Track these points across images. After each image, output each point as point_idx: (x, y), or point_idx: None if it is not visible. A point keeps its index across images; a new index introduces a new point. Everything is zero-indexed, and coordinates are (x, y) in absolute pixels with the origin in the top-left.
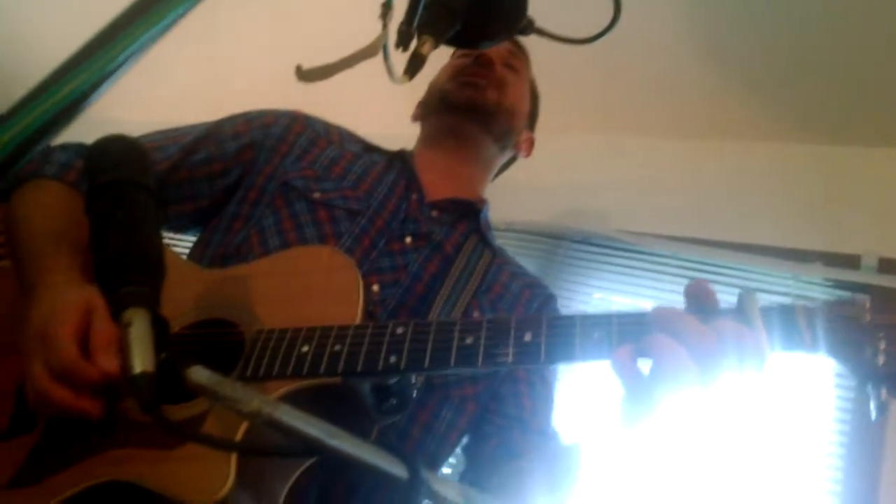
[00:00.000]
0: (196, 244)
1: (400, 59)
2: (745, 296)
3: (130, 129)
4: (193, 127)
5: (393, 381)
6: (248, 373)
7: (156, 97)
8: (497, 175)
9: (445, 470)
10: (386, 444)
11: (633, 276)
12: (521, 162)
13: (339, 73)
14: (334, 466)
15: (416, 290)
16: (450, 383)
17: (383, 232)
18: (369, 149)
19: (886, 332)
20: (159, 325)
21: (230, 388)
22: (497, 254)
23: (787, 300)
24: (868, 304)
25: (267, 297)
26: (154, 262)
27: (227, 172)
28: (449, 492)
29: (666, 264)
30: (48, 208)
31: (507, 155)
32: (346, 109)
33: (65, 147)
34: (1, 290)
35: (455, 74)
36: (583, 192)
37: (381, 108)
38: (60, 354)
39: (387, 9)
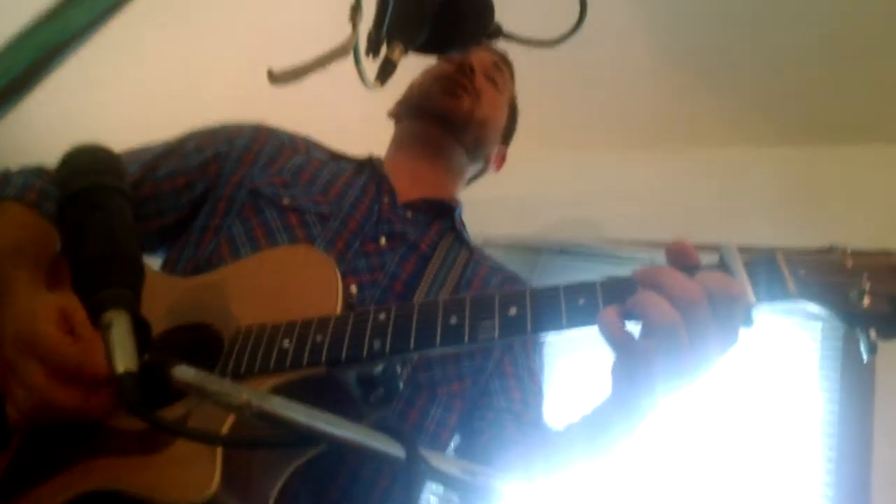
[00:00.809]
0: (164, 263)
1: (371, 65)
2: (727, 250)
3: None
4: (154, 145)
5: (378, 370)
6: (230, 371)
7: (109, 114)
8: (468, 183)
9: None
10: (380, 426)
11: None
12: (497, 177)
13: (310, 74)
14: (326, 468)
15: (395, 290)
16: (436, 381)
17: (357, 234)
18: (336, 157)
19: (869, 273)
20: (140, 327)
21: (217, 383)
22: (474, 251)
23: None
24: (849, 250)
25: (243, 298)
26: (133, 264)
27: (192, 186)
28: (449, 467)
29: None
30: (8, 227)
31: (479, 165)
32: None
33: (23, 170)
34: None
35: (436, 80)
36: (559, 204)
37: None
38: (61, 350)
39: (356, 11)
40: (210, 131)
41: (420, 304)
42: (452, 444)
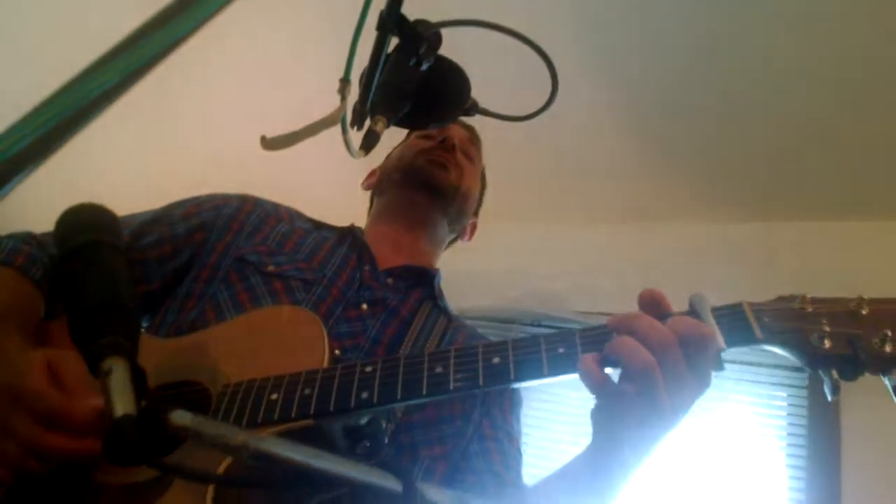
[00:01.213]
0: (147, 329)
1: (356, 136)
2: (696, 298)
3: None
4: (140, 213)
5: (364, 422)
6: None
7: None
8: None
9: None
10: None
11: (578, 384)
12: (471, 251)
13: (301, 141)
14: None
15: (377, 354)
16: (418, 443)
17: (339, 301)
18: (319, 226)
19: (829, 318)
20: (138, 375)
21: (214, 426)
22: (452, 318)
23: (734, 365)
24: (809, 297)
25: (230, 356)
26: (130, 314)
27: (178, 254)
28: (444, 499)
29: None
30: None
31: (454, 236)
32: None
33: (12, 235)
34: None
35: (421, 153)
36: (530, 278)
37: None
38: (46, 399)
39: (345, 83)
40: (196, 201)
41: (405, 356)
42: None
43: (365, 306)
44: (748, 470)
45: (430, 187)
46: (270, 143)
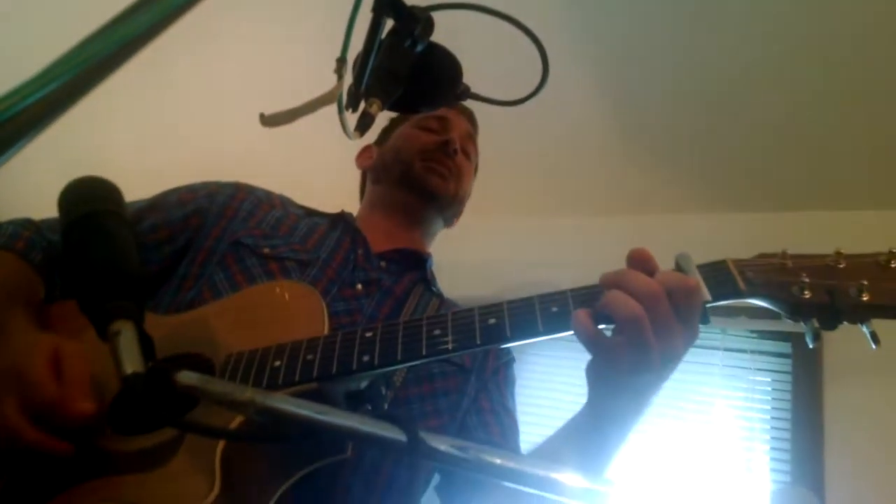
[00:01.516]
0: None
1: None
2: (681, 256)
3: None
4: (136, 200)
5: (364, 385)
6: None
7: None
8: None
9: None
10: (379, 414)
11: (574, 344)
12: (459, 242)
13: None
14: (323, 486)
15: None
16: (414, 417)
17: (334, 281)
18: (311, 212)
19: (808, 271)
20: (145, 339)
21: (220, 384)
22: (444, 301)
23: (717, 352)
24: (788, 253)
25: (231, 329)
26: (136, 279)
27: (175, 238)
28: (446, 447)
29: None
30: None
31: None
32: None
33: (12, 221)
34: None
35: (421, 153)
36: (518, 268)
37: None
38: (41, 391)
39: (341, 63)
40: (191, 188)
41: (404, 321)
42: (433, 484)
43: (360, 286)
44: (732, 455)
45: (428, 196)
46: (269, 120)
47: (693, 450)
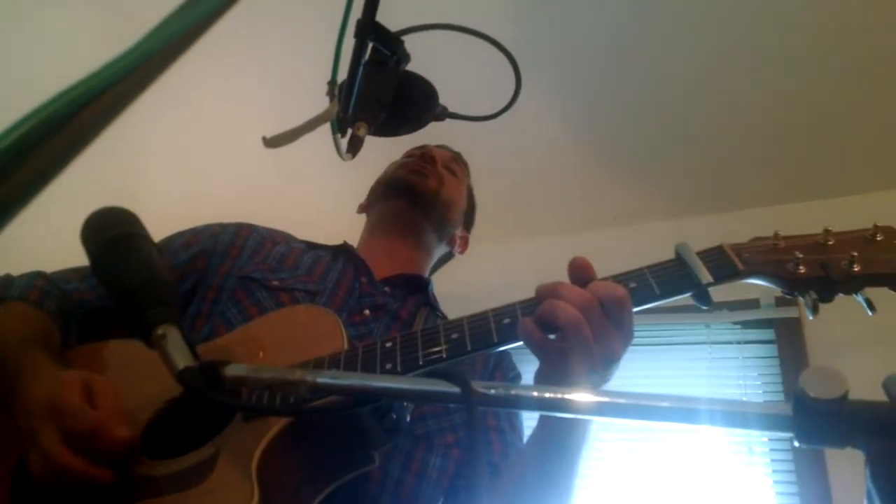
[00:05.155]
0: None
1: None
2: (681, 246)
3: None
4: None
5: None
6: (249, 413)
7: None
8: (438, 267)
9: None
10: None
11: None
12: (453, 269)
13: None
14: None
15: None
16: (431, 433)
17: (342, 308)
18: (313, 245)
19: (800, 249)
20: (187, 339)
21: (269, 370)
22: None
23: (704, 346)
24: (780, 234)
25: (252, 353)
26: (170, 285)
27: (184, 279)
28: (498, 391)
29: None
30: (16, 321)
31: (444, 247)
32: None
33: (23, 274)
34: None
35: (401, 166)
36: (512, 290)
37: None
38: (79, 417)
39: (332, 85)
40: (194, 231)
41: (421, 329)
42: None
43: (367, 312)
44: (729, 445)
45: (410, 192)
46: (272, 142)
47: (689, 445)
